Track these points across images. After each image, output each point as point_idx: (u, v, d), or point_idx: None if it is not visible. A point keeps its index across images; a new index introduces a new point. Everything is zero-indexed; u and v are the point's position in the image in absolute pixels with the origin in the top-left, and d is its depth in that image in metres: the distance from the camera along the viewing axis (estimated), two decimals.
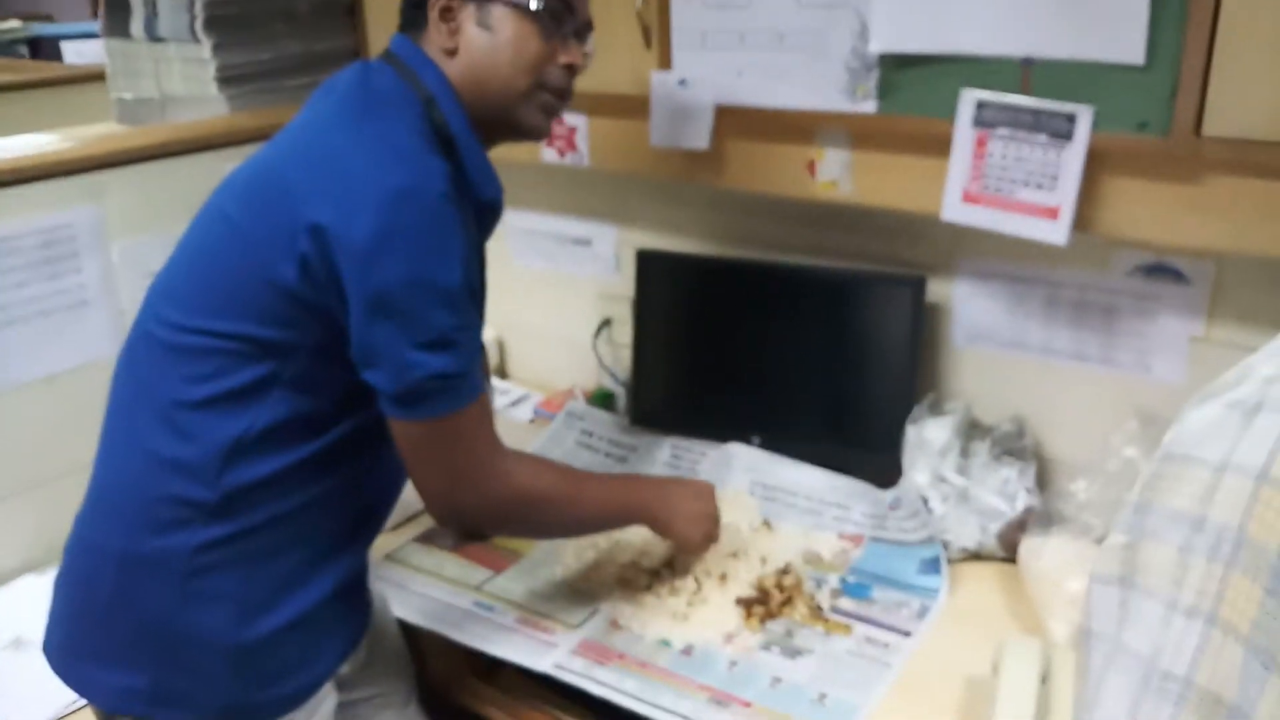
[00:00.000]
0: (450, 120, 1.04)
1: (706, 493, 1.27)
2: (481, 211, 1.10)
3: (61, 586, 1.07)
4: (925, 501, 1.32)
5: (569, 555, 1.35)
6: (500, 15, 1.06)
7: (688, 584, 1.27)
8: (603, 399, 1.74)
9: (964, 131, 1.22)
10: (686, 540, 1.24)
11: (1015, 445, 1.35)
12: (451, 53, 1.07)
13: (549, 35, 1.07)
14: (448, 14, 1.06)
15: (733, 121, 1.40)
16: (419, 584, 1.33)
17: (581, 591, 1.29)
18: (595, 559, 1.34)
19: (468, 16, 1.06)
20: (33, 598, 1.35)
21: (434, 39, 1.07)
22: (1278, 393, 0.52)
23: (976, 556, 1.30)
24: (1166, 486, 0.56)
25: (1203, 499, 0.54)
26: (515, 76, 1.07)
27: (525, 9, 1.05)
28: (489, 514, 1.08)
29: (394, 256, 0.92)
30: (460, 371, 0.98)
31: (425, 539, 1.42)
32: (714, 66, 1.39)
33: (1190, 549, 0.55)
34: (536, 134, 1.14)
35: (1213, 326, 1.26)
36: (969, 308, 1.43)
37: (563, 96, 1.12)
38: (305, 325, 0.97)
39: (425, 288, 0.94)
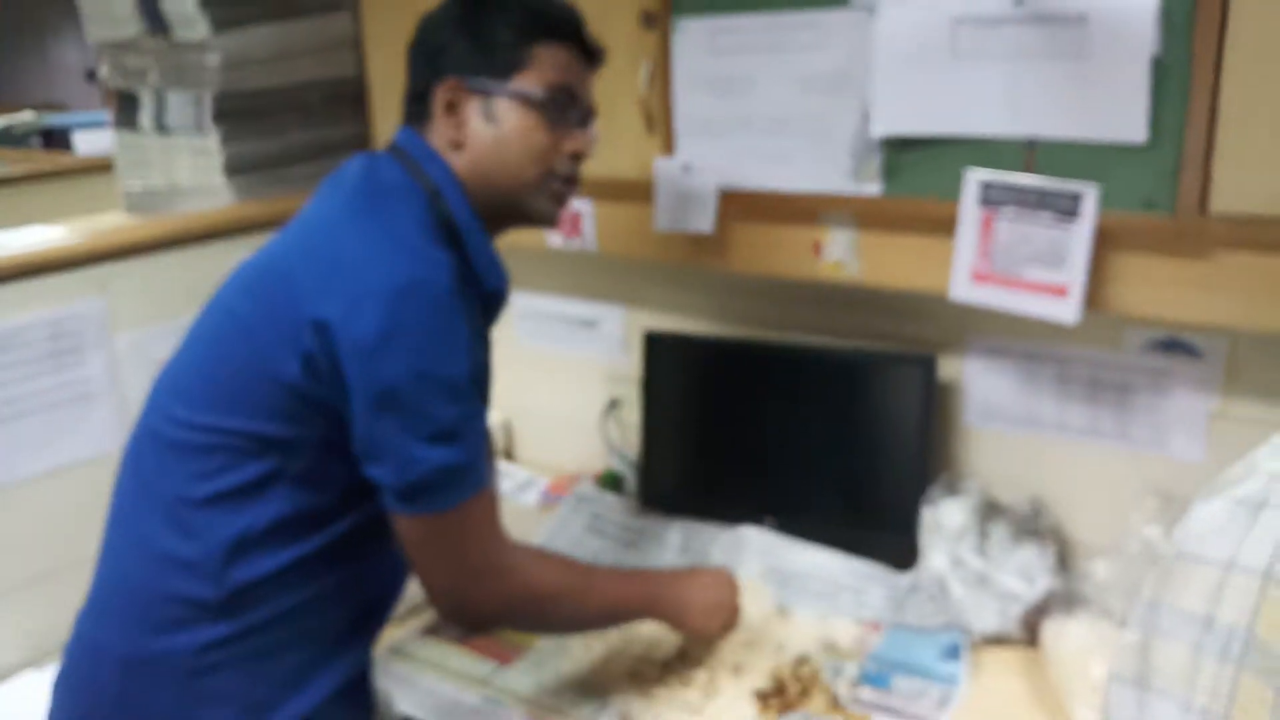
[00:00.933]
0: (456, 212, 1.05)
1: (722, 581, 1.25)
2: (487, 301, 1.10)
3: (62, 689, 1.05)
4: (944, 585, 1.29)
5: (578, 647, 1.32)
6: (505, 107, 1.07)
7: (700, 675, 1.24)
8: (611, 481, 1.72)
9: (970, 211, 1.23)
10: (702, 634, 1.22)
11: (1033, 526, 1.32)
12: (457, 145, 1.08)
13: (554, 125, 1.08)
14: (452, 108, 1.07)
15: (737, 205, 1.41)
16: (424, 679, 1.29)
17: (591, 685, 1.25)
18: (605, 651, 1.31)
19: (472, 110, 1.07)
20: (31, 694, 1.32)
21: (439, 132, 1.08)
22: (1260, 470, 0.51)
23: (997, 641, 1.27)
24: (1176, 585, 0.55)
25: (1211, 598, 0.54)
26: (523, 168, 1.08)
27: (530, 100, 1.06)
28: (496, 611, 1.06)
29: (398, 352, 0.92)
30: (465, 464, 0.97)
31: (430, 631, 1.39)
32: (717, 151, 1.41)
33: (1201, 649, 0.54)
34: (547, 221, 1.14)
35: (1229, 402, 1.25)
36: (980, 386, 1.42)
37: (571, 183, 1.13)
38: (309, 421, 0.97)
39: (430, 381, 0.93)
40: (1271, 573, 0.51)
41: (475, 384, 0.99)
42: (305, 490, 0.98)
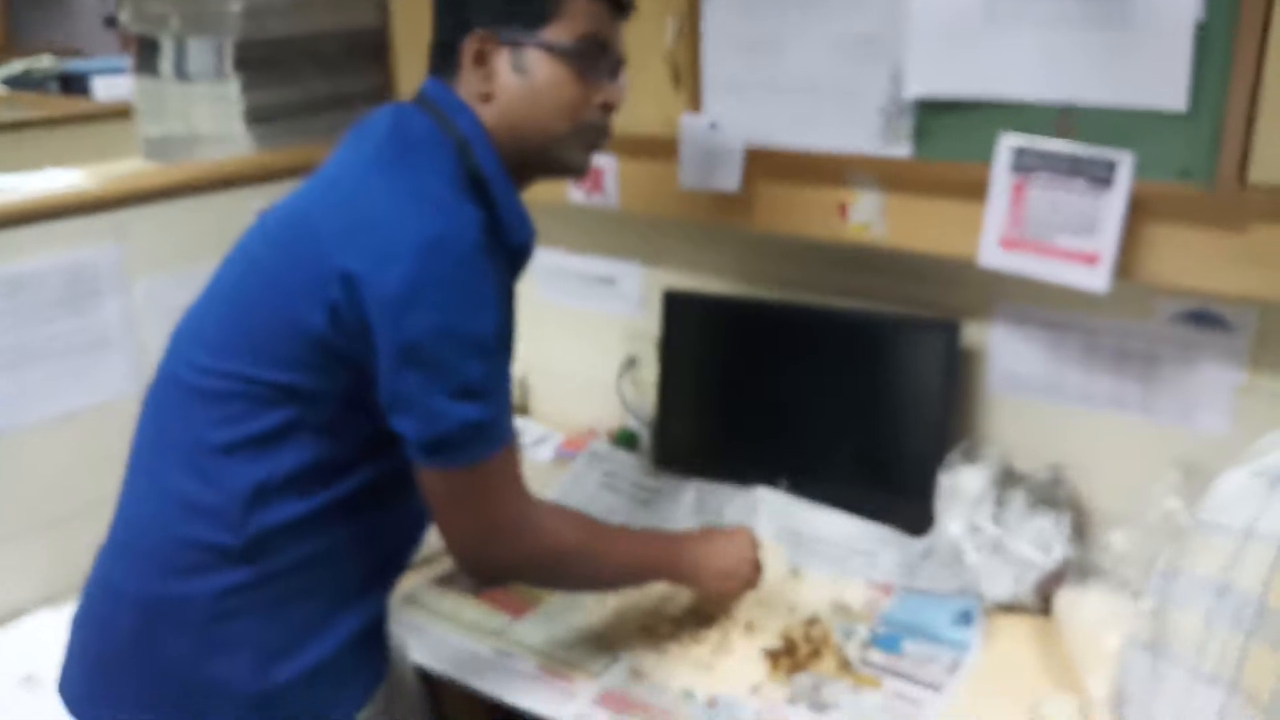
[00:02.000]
0: (484, 164, 1.04)
1: (742, 541, 1.25)
2: (513, 255, 1.10)
3: (79, 628, 1.06)
4: (959, 551, 1.29)
5: (590, 601, 1.33)
6: (535, 58, 1.05)
7: (712, 633, 1.25)
8: (626, 439, 1.72)
9: (1002, 177, 1.21)
10: (719, 596, 1.23)
11: (1051, 494, 1.32)
12: (486, 97, 1.06)
13: (584, 76, 1.07)
14: (481, 58, 1.06)
15: (763, 164, 1.40)
16: (437, 629, 1.31)
17: (603, 639, 1.26)
18: (617, 605, 1.31)
19: (502, 61, 1.06)
20: (46, 634, 1.34)
21: (467, 83, 1.07)
22: None
23: (1010, 609, 1.27)
24: (1194, 553, 0.55)
25: (1226, 566, 0.54)
26: (554, 120, 1.07)
27: (560, 51, 1.05)
28: (516, 566, 1.07)
29: (425, 307, 0.92)
30: (490, 420, 0.97)
31: (444, 581, 1.40)
32: (745, 109, 1.39)
33: (1214, 616, 0.55)
34: (578, 172, 1.14)
35: (1257, 375, 1.24)
36: (1005, 353, 1.41)
37: (603, 134, 1.12)
38: (333, 372, 0.97)
39: (456, 337, 0.93)
40: None
41: (500, 340, 0.99)
42: (326, 440, 0.98)
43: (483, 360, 0.95)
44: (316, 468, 0.98)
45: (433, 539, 1.08)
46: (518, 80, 1.06)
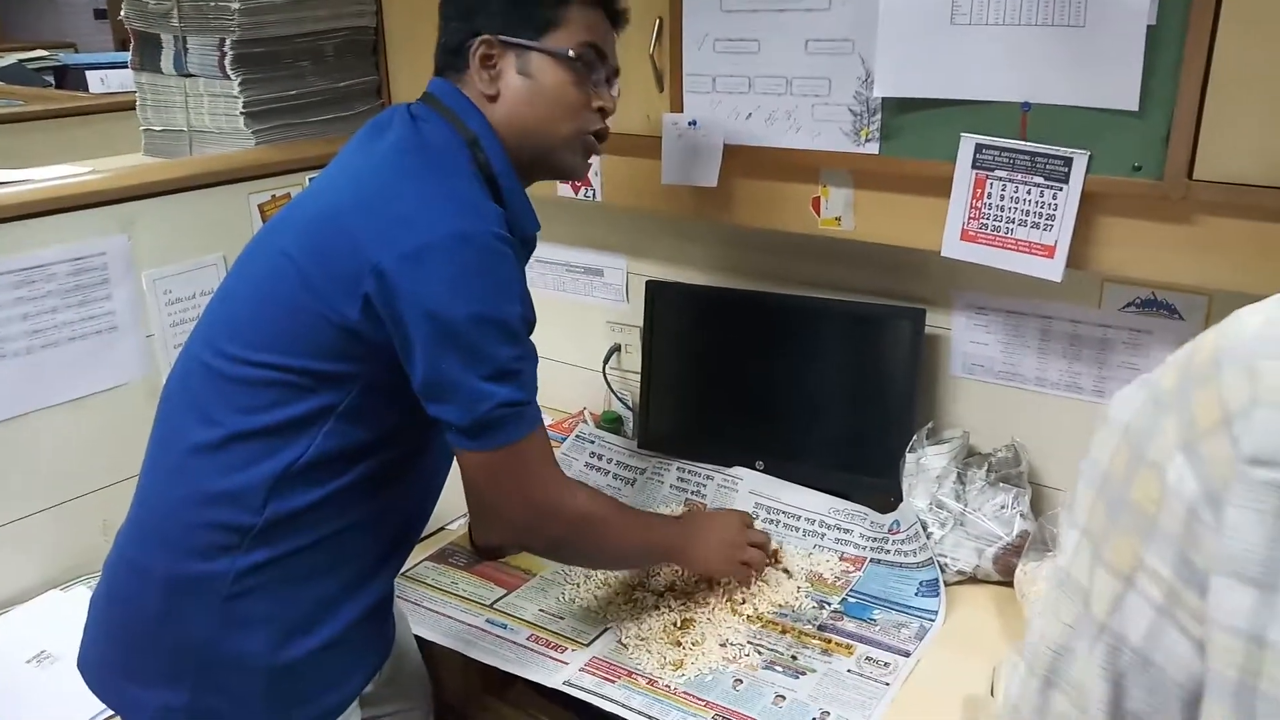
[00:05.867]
0: (493, 161, 1.10)
1: (731, 524, 1.32)
2: (522, 246, 1.15)
3: (100, 604, 1.10)
4: (924, 526, 1.36)
5: (579, 574, 1.39)
6: (540, 63, 1.12)
7: (695, 604, 1.31)
8: (612, 422, 1.78)
9: (963, 173, 1.27)
10: (715, 573, 1.31)
11: (1011, 472, 1.39)
12: (493, 98, 1.12)
13: (584, 82, 1.14)
14: (489, 60, 1.12)
15: (741, 161, 1.45)
16: (435, 602, 1.37)
17: (591, 610, 1.33)
18: (604, 578, 1.38)
19: (508, 64, 1.12)
20: (57, 613, 1.39)
21: (474, 84, 1.13)
22: (1165, 377, 0.56)
23: (973, 579, 1.34)
24: (1094, 442, 0.61)
25: (1109, 456, 0.59)
26: (558, 122, 1.13)
27: (563, 57, 1.11)
28: (562, 537, 1.13)
29: (459, 297, 0.97)
30: (525, 400, 1.03)
31: (440, 557, 1.46)
32: (723, 108, 1.45)
33: (1095, 494, 0.60)
34: (575, 174, 1.21)
35: None
36: (966, 340, 1.48)
37: (600, 138, 1.18)
38: (363, 359, 1.01)
39: (488, 324, 0.99)
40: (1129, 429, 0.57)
41: (527, 324, 1.05)
42: (350, 426, 1.03)
43: (513, 344, 1.01)
44: (339, 454, 1.03)
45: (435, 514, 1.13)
46: (523, 83, 1.12)
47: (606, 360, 1.82)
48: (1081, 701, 0.58)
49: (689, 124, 1.47)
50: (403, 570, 1.40)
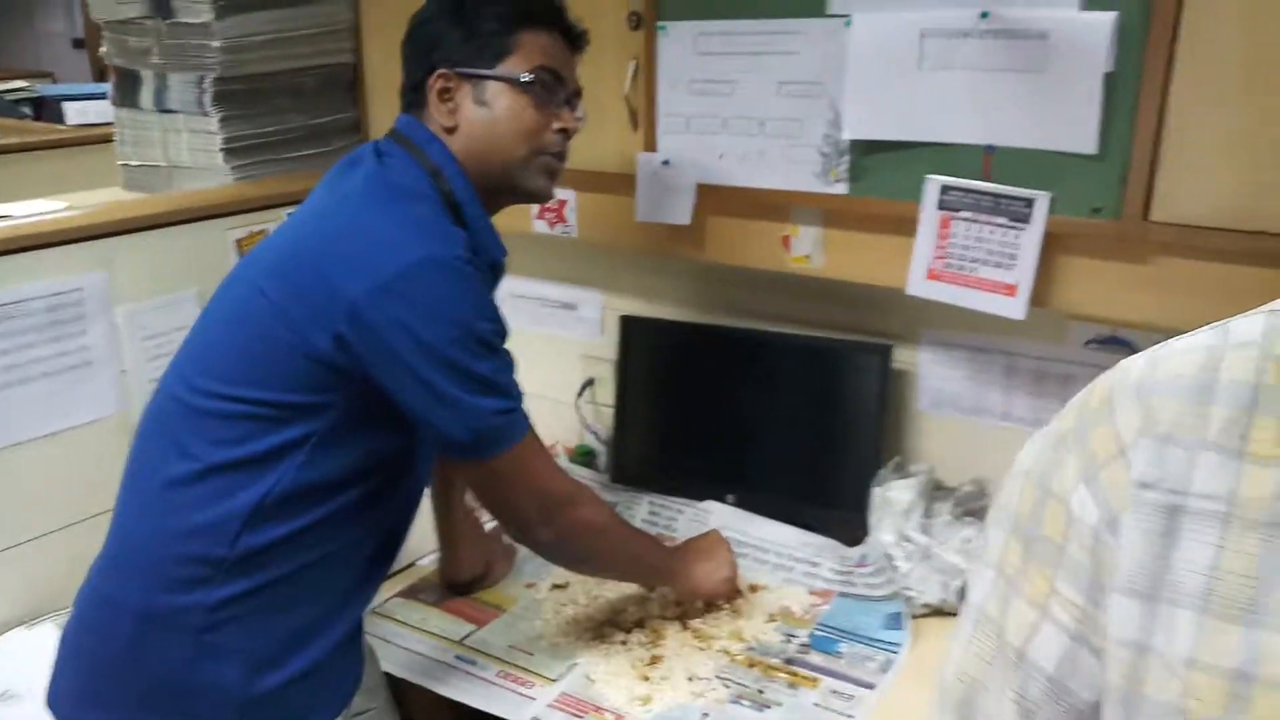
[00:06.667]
0: (456, 190, 1.13)
1: (715, 547, 1.37)
2: (489, 271, 1.18)
3: (72, 637, 1.09)
4: (890, 559, 1.38)
5: (548, 610, 1.40)
6: (495, 91, 1.15)
7: (663, 639, 1.32)
8: (584, 456, 1.79)
9: (929, 213, 1.30)
10: (708, 595, 1.35)
11: (976, 506, 1.41)
12: (452, 129, 1.16)
13: (542, 105, 1.17)
14: (446, 94, 1.16)
15: (713, 199, 1.48)
16: (404, 638, 1.36)
17: (560, 646, 1.33)
18: (573, 615, 1.39)
19: (465, 95, 1.15)
20: (23, 651, 1.36)
21: (435, 117, 1.16)
22: (1064, 420, 0.61)
23: (940, 612, 1.36)
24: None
25: (1015, 499, 0.64)
26: (514, 145, 1.16)
27: (517, 83, 1.15)
28: (573, 532, 1.18)
29: (434, 320, 1.01)
30: (513, 407, 1.08)
31: (409, 594, 1.46)
32: (696, 148, 1.48)
33: (1006, 535, 0.63)
34: (540, 196, 1.23)
35: None
36: (933, 375, 1.51)
37: (560, 158, 1.21)
38: (336, 389, 1.03)
39: (467, 340, 1.03)
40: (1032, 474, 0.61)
41: (501, 336, 1.09)
42: (323, 458, 1.04)
43: (493, 356, 1.06)
44: (312, 485, 1.04)
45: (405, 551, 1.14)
46: (480, 112, 1.15)
47: (580, 394, 1.83)
48: None
49: (662, 163, 1.50)
50: (372, 607, 1.41)
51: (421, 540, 1.42)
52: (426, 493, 1.27)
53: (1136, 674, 0.54)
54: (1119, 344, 1.36)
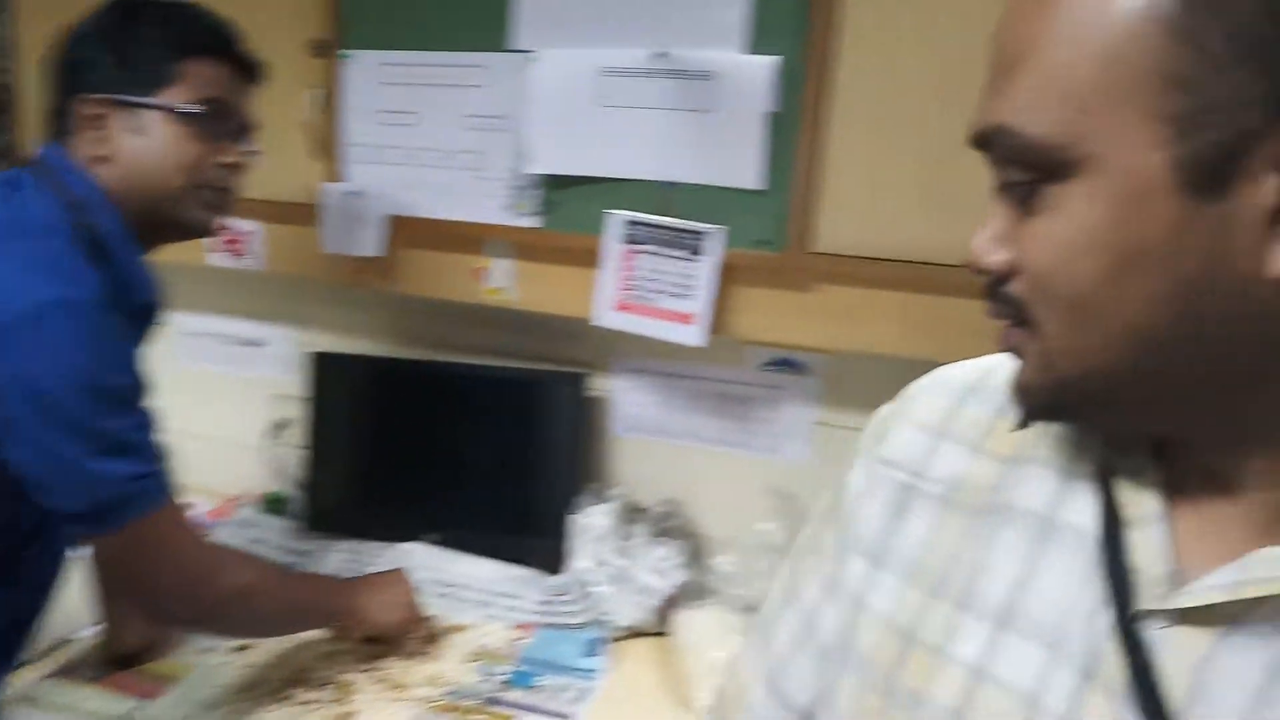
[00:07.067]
0: (102, 225, 1.03)
1: (396, 579, 1.32)
2: (138, 314, 1.08)
3: None
4: (586, 585, 1.39)
5: (226, 677, 1.29)
6: (152, 120, 1.06)
7: (355, 694, 1.25)
8: (274, 504, 1.68)
9: (612, 247, 1.35)
10: (388, 627, 1.29)
11: (669, 525, 1.47)
12: (103, 159, 1.06)
13: (206, 137, 1.09)
14: (95, 121, 1.05)
15: (405, 230, 1.46)
16: None
17: (240, 713, 1.23)
18: (253, 678, 1.29)
19: (118, 123, 1.06)
20: None
21: (83, 146, 1.06)
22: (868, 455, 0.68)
23: (637, 633, 1.39)
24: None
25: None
26: (170, 178, 1.08)
27: (179, 114, 1.07)
28: (213, 609, 1.08)
29: (57, 372, 0.91)
30: (149, 471, 0.97)
31: (63, 672, 1.29)
32: (387, 178, 1.45)
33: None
34: (200, 231, 1.14)
35: (830, 412, 1.45)
36: (625, 401, 1.56)
37: (225, 193, 1.13)
38: None
39: (96, 394, 0.92)
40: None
41: (138, 392, 0.98)
42: None
43: (126, 414, 0.95)
44: None
45: (46, 633, 1.02)
46: (135, 141, 1.06)
47: (270, 437, 1.72)
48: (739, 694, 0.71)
49: (350, 193, 1.45)
50: (18, 694, 1.23)
51: (80, 612, 1.28)
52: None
53: (849, 620, 0.63)
54: (790, 365, 1.46)
